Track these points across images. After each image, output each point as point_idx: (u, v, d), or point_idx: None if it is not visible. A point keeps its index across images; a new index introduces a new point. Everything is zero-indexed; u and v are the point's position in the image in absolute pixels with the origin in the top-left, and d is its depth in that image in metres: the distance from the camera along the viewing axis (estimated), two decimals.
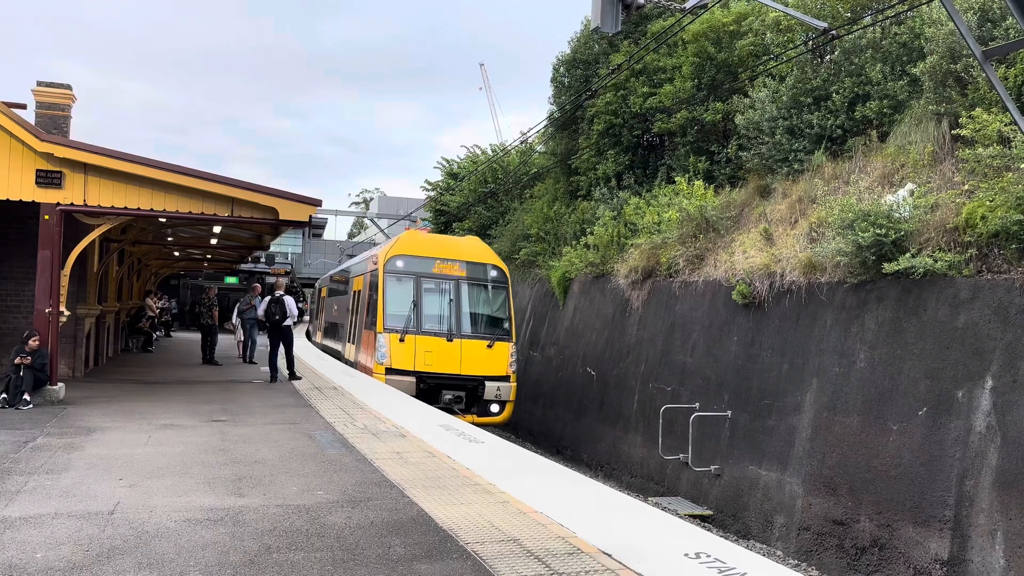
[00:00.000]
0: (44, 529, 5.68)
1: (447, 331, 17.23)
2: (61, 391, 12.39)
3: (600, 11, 11.37)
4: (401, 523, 6.07)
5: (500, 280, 18.53)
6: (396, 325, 17.06)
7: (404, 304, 17.34)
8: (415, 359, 16.75)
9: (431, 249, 18.38)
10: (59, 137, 14.03)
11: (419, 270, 17.72)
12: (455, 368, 16.88)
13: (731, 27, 21.12)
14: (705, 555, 5.34)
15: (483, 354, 17.18)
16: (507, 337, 17.81)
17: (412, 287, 17.57)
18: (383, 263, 17.71)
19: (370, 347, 17.65)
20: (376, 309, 17.41)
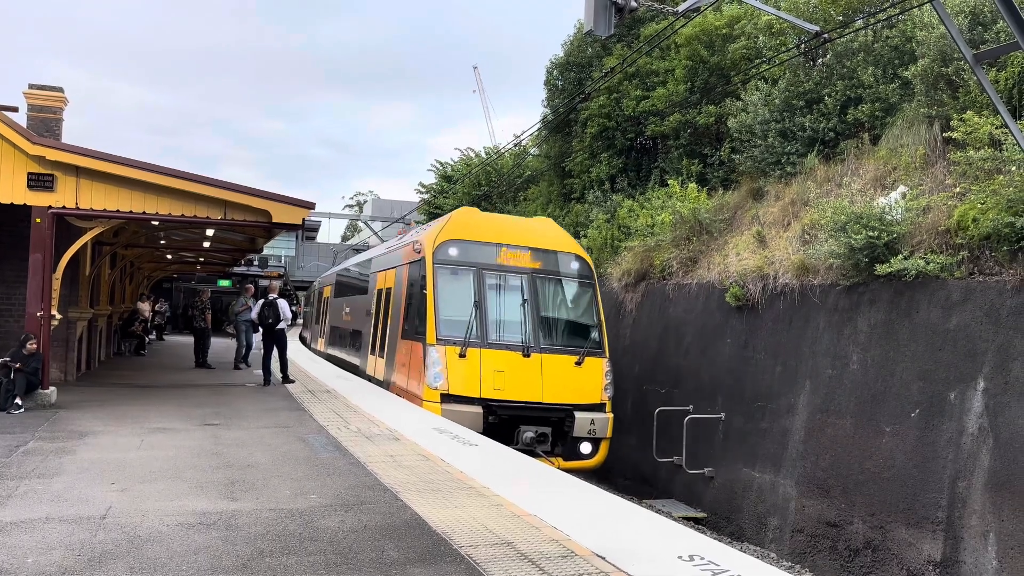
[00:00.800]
0: (35, 533, 5.65)
1: (522, 343, 13.23)
2: (53, 395, 12.33)
3: (593, 14, 11.38)
4: (395, 527, 6.05)
5: (585, 274, 14.53)
6: (454, 335, 13.01)
7: (462, 306, 13.35)
8: (481, 381, 12.70)
9: (494, 232, 14.35)
10: (51, 140, 13.97)
11: (480, 260, 13.85)
12: (535, 394, 12.83)
13: (724, 30, 21.19)
14: (699, 557, 5.35)
15: (571, 374, 13.20)
16: (599, 350, 13.74)
17: (472, 283, 13.62)
18: (431, 250, 13.76)
19: (413, 365, 13.71)
20: (423, 313, 13.48)
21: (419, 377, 13.20)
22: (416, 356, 13.56)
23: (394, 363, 15.15)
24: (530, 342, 13.26)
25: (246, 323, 20.24)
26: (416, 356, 13.56)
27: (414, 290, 14.33)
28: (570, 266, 14.42)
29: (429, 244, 14.03)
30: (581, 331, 14.07)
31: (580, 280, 14.44)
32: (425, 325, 13.20)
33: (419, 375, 13.21)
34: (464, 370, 12.79)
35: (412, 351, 13.89)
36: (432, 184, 41.32)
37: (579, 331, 14.09)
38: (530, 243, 14.35)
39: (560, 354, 13.32)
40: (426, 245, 14.16)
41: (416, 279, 14.30)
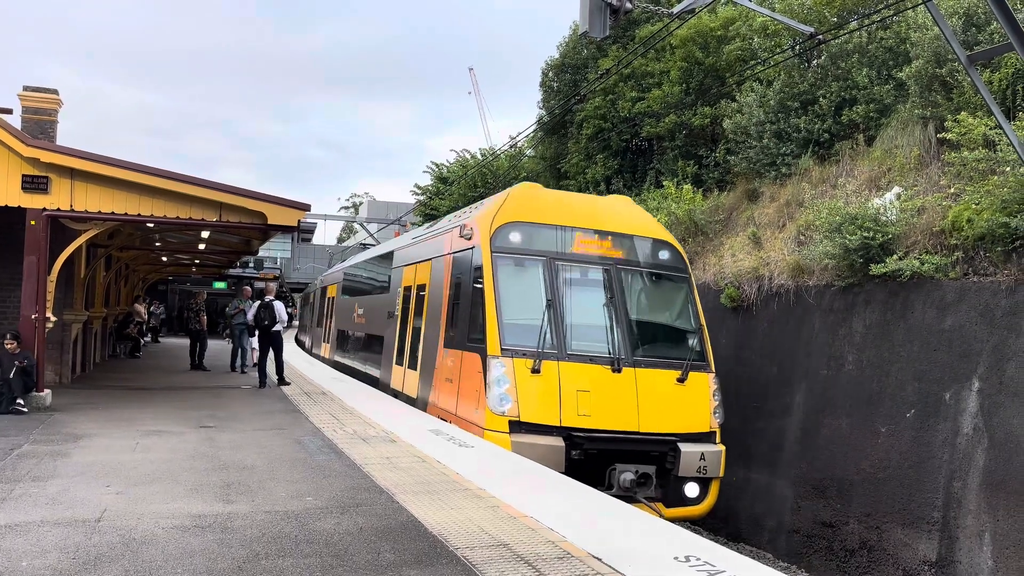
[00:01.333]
0: (30, 537, 5.63)
1: (611, 354, 10.62)
2: (48, 398, 12.29)
3: (588, 16, 11.39)
4: (390, 529, 6.05)
5: (677, 266, 11.90)
6: (522, 343, 10.43)
7: (530, 306, 10.79)
8: (562, 405, 10.07)
9: (564, 213, 11.73)
10: (45, 142, 13.93)
11: (550, 247, 11.25)
12: (629, 420, 10.23)
13: (719, 32, 21.24)
14: (695, 558, 5.35)
15: (672, 394, 10.64)
16: (703, 363, 11.13)
17: (543, 276, 11.03)
18: (487, 235, 11.22)
19: (464, 382, 11.14)
20: (478, 315, 11.00)
21: (475, 398, 10.56)
22: (470, 371, 10.90)
23: (432, 378, 12.50)
24: (620, 353, 10.59)
25: (240, 326, 19.72)
26: (470, 371, 10.90)
27: (462, 286, 11.79)
28: (659, 256, 11.80)
29: (484, 228, 11.34)
30: (679, 338, 11.44)
31: (673, 273, 11.79)
32: (483, 331, 10.62)
33: (475, 396, 10.56)
34: (539, 390, 10.12)
35: (462, 364, 11.22)
36: (428, 186, 41.31)
37: (676, 338, 11.46)
38: (610, 227, 11.68)
39: (658, 368, 10.68)
40: (479, 229, 11.46)
41: (465, 272, 11.72)
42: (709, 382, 10.98)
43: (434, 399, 12.37)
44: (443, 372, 12.11)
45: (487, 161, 35.93)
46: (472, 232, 11.75)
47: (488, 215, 11.72)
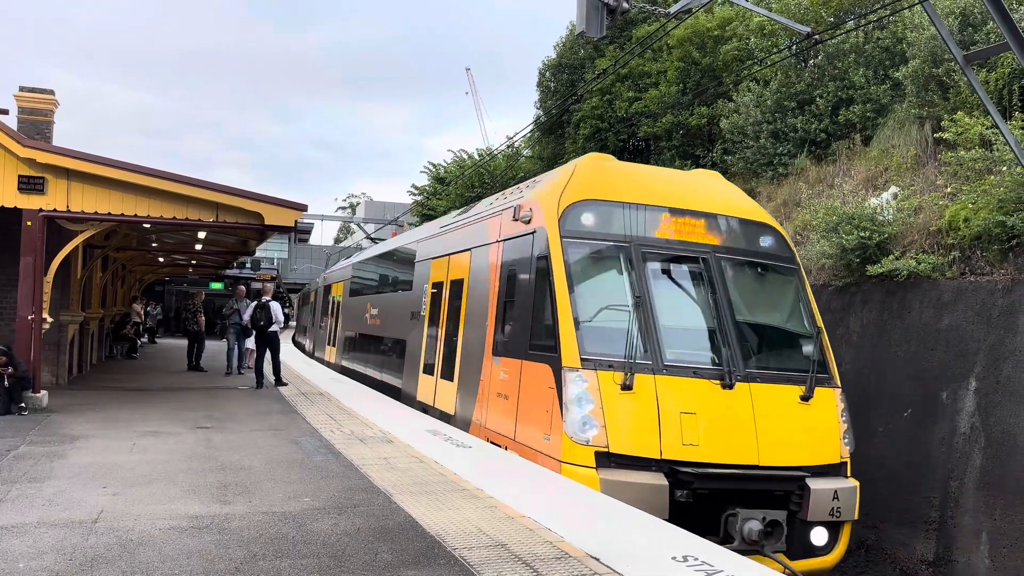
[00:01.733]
0: (26, 538, 5.62)
1: (719, 365, 8.54)
2: (44, 399, 12.27)
3: (585, 16, 11.40)
4: (388, 529, 6.04)
5: (784, 255, 9.78)
6: (607, 352, 8.33)
7: (613, 304, 8.72)
8: (661, 431, 7.99)
9: (647, 190, 9.62)
10: (41, 142, 13.90)
11: (633, 231, 9.13)
12: (747, 452, 8.11)
13: (715, 32, 21.26)
14: (692, 558, 5.35)
15: (795, 416, 8.52)
16: (827, 376, 9.02)
17: (627, 267, 8.95)
18: (555, 217, 9.16)
19: (528, 400, 9.08)
20: (546, 316, 9.01)
21: (544, 422, 8.50)
22: (536, 386, 8.86)
23: (478, 393, 10.50)
24: (731, 364, 8.49)
25: (235, 327, 19.36)
26: (536, 386, 8.86)
27: (518, 280, 9.81)
28: (762, 242, 9.66)
29: (549, 207, 9.28)
30: (794, 344, 9.37)
31: (780, 264, 9.67)
32: (555, 336, 8.54)
33: (544, 419, 8.51)
34: (633, 412, 8.08)
35: (524, 378, 9.20)
36: (425, 186, 41.32)
37: (792, 344, 9.40)
38: (702, 206, 9.60)
39: (777, 382, 8.57)
40: (543, 209, 9.40)
41: (522, 263, 9.75)
42: (836, 399, 8.84)
43: (480, 418, 10.31)
44: (492, 386, 10.02)
45: (484, 161, 35.93)
46: (532, 213, 9.65)
47: (552, 192, 9.55)
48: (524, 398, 9.17)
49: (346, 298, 22.73)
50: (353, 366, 20.03)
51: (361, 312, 19.86)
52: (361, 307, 20.06)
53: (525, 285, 9.62)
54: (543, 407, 8.60)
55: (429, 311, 13.51)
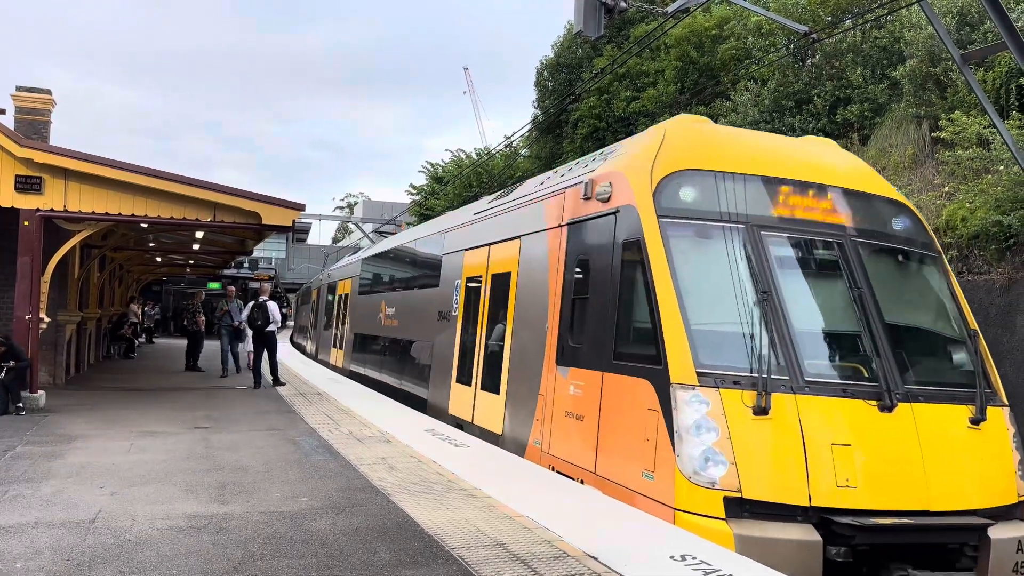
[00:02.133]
0: (24, 538, 5.61)
1: (876, 381, 6.73)
2: (42, 399, 12.25)
3: (582, 15, 11.40)
4: (386, 529, 6.04)
5: (923, 240, 8.00)
6: (730, 364, 6.65)
7: (730, 302, 6.95)
8: (809, 469, 6.27)
9: (755, 158, 7.86)
10: (39, 142, 13.89)
11: (748, 209, 7.37)
12: (915, 493, 6.40)
13: (713, 31, 21.28)
14: (691, 557, 5.35)
15: (964, 444, 6.79)
16: (992, 392, 7.23)
17: (745, 255, 7.17)
18: (647, 191, 7.42)
19: (617, 424, 7.29)
20: (637, 314, 7.41)
21: (644, 453, 6.69)
22: (626, 406, 7.08)
23: (536, 410, 8.75)
24: (888, 379, 6.68)
25: (226, 328, 18.80)
26: (626, 406, 7.08)
27: (596, 272, 7.96)
28: (897, 224, 7.84)
29: (639, 180, 7.48)
30: (950, 352, 7.59)
31: (922, 251, 7.91)
32: (658, 341, 6.72)
33: (644, 449, 6.69)
34: (771, 444, 6.36)
35: (608, 395, 7.36)
36: (423, 185, 41.31)
37: (947, 352, 7.60)
38: (828, 178, 7.77)
39: (941, 402, 6.82)
40: (630, 182, 7.58)
41: (599, 250, 7.91)
42: (1006, 421, 7.08)
43: (540, 441, 8.54)
44: (558, 402, 8.27)
45: (482, 161, 35.93)
46: (612, 189, 7.82)
47: (640, 162, 7.71)
48: (608, 420, 7.34)
49: (355, 297, 21.05)
50: (365, 371, 18.35)
51: (373, 312, 18.22)
52: (373, 306, 18.38)
53: (604, 277, 7.76)
54: (640, 434, 6.76)
55: (463, 310, 11.90)
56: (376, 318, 17.90)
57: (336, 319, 23.63)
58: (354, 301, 21.07)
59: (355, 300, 20.98)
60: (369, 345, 18.57)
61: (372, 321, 18.34)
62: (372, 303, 18.78)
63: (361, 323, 19.75)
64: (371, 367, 17.97)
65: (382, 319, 17.36)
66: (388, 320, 16.91)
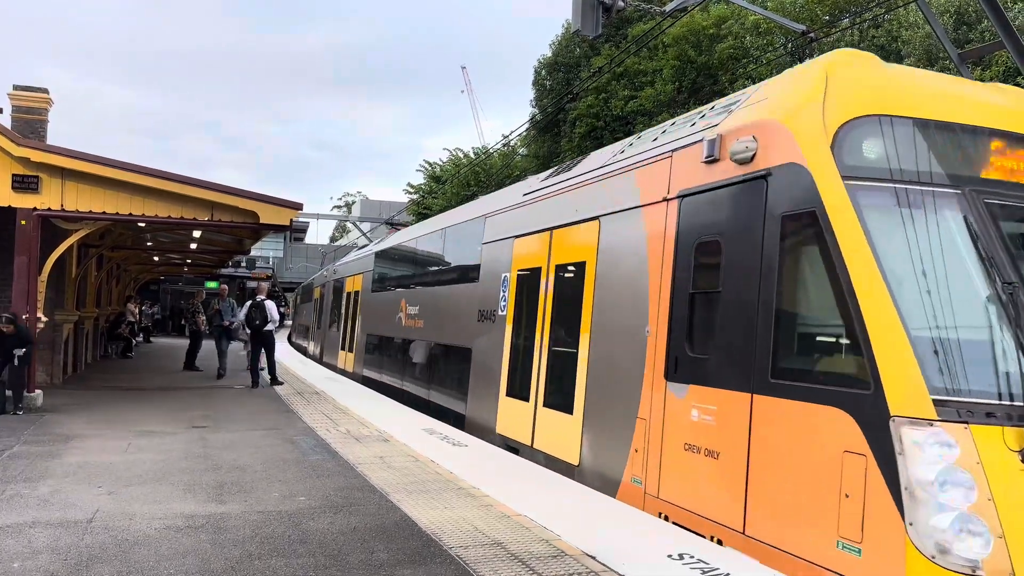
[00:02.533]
0: (21, 538, 5.60)
1: None
2: (39, 398, 12.24)
3: (580, 14, 11.40)
4: (384, 528, 6.04)
5: None
6: (977, 387, 4.71)
7: (964, 298, 5.06)
8: None
9: (946, 103, 5.83)
10: (36, 141, 13.87)
11: (955, 169, 5.52)
12: None
13: (711, 30, 21.28)
14: (688, 556, 5.35)
15: None
16: None
17: (970, 233, 5.27)
18: (822, 143, 5.53)
19: (781, 471, 5.36)
20: (817, 312, 5.62)
21: (846, 518, 4.88)
22: (802, 444, 5.30)
23: (633, 437, 7.10)
24: None
25: (217, 328, 18.43)
26: (802, 444, 5.30)
27: (732, 256, 6.14)
28: None
29: (806, 129, 5.72)
30: None
31: None
32: (864, 353, 4.96)
33: (846, 512, 4.88)
34: None
35: (765, 425, 5.63)
36: (421, 185, 41.31)
37: None
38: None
39: None
40: (792, 132, 5.79)
41: (739, 227, 6.10)
42: None
43: (644, 479, 6.91)
44: (673, 430, 6.57)
45: (480, 160, 35.92)
46: (758, 144, 5.98)
47: (804, 106, 5.84)
48: (766, 462, 5.51)
49: (367, 294, 19.17)
50: (381, 377, 16.64)
51: (391, 311, 16.28)
52: (391, 305, 16.39)
53: (749, 264, 5.92)
54: (831, 486, 4.96)
55: (514, 309, 10.24)
56: (394, 318, 16.06)
57: (344, 319, 21.70)
58: (366, 299, 19.20)
59: (367, 298, 19.04)
60: (386, 348, 16.71)
61: (389, 322, 16.43)
62: (389, 301, 16.81)
63: (375, 324, 17.97)
64: (389, 373, 16.14)
65: (402, 319, 15.50)
66: (410, 320, 14.98)
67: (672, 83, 21.53)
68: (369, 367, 18.03)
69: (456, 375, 12.04)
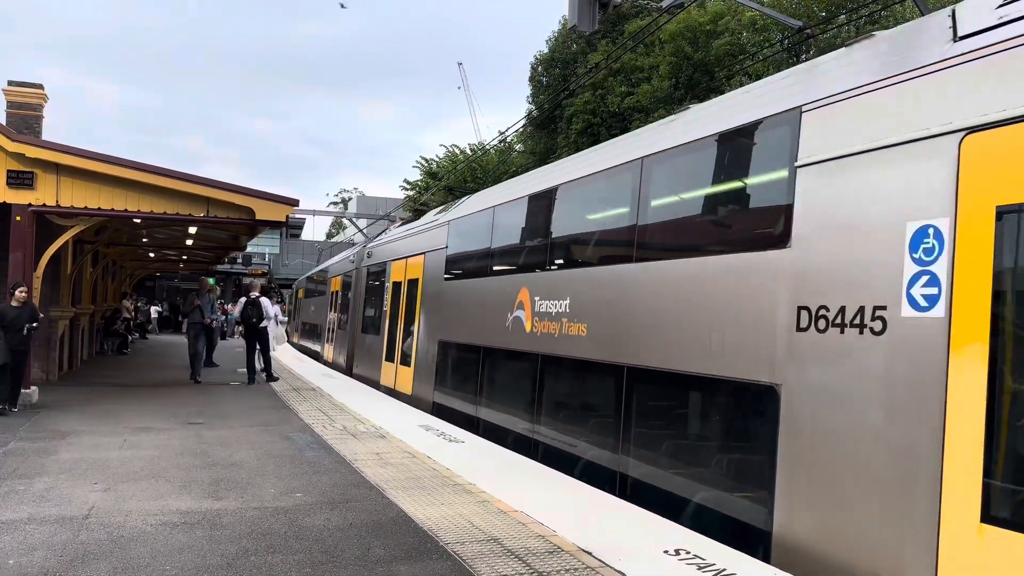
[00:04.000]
0: (17, 534, 5.59)
1: None
2: (35, 395, 12.21)
3: (577, 10, 11.38)
4: (381, 524, 6.03)
5: None
6: None
7: None
8: None
9: None
10: (31, 137, 13.83)
11: None
12: None
13: (707, 27, 21.27)
14: (684, 551, 5.36)
15: None
16: None
17: None
18: None
19: None
20: None
21: None
22: None
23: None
24: None
25: (197, 326, 16.89)
26: None
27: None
28: None
29: None
30: None
31: None
32: None
33: None
34: None
35: None
36: (417, 181, 41.27)
37: None
38: None
39: None
40: None
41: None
42: None
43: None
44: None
45: (476, 156, 35.91)
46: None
47: None
48: None
49: (438, 284, 13.34)
50: (490, 415, 10.79)
51: (497, 308, 10.60)
52: (499, 299, 10.60)
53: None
54: None
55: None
56: (503, 321, 10.34)
57: (393, 318, 15.86)
58: (437, 291, 13.34)
59: (440, 290, 13.21)
60: (492, 368, 11.04)
61: (491, 326, 10.77)
62: (491, 294, 11.01)
63: (460, 327, 12.24)
64: (509, 409, 10.23)
65: (524, 323, 9.83)
66: (542, 325, 9.32)
67: (669, 79, 21.51)
68: (454, 392, 12.25)
69: (601, 413, 7.85)
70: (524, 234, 10.66)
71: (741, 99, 7.17)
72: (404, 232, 17.12)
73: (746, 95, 7.19)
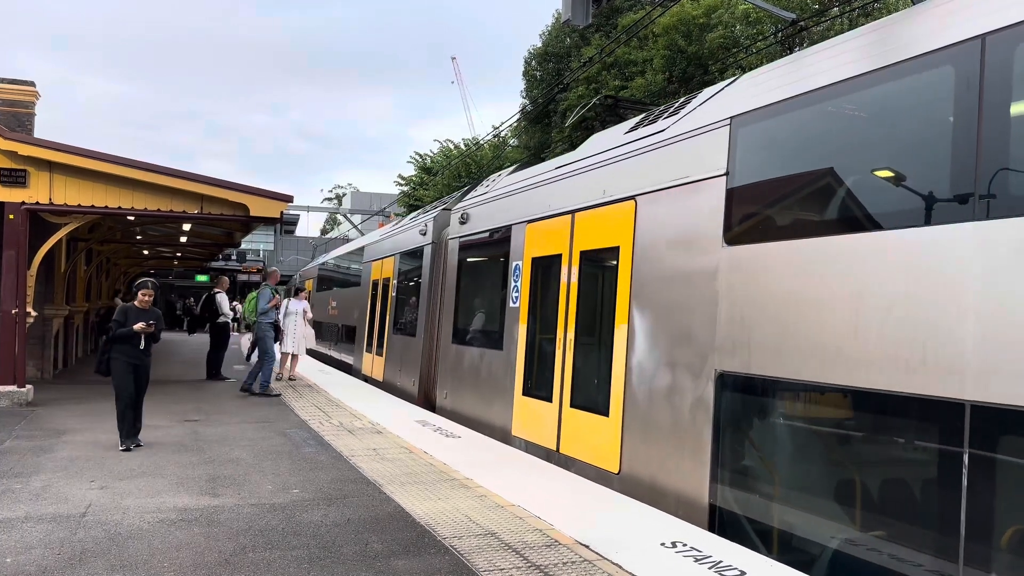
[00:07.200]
0: (14, 533, 5.58)
1: None
2: (29, 393, 12.18)
3: (571, 3, 11.36)
4: (378, 519, 6.04)
5: None
6: None
7: None
8: None
9: None
10: (23, 135, 13.76)
11: None
12: None
13: (701, 20, 21.26)
14: (681, 544, 5.38)
15: None
16: None
17: None
18: None
19: None
20: None
21: None
22: None
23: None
24: None
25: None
26: None
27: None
28: None
29: None
30: None
31: None
32: None
33: None
34: None
35: None
36: (411, 176, 41.20)
37: None
38: None
39: None
40: None
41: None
42: None
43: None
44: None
45: (471, 151, 35.86)
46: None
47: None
48: None
49: (700, 259, 6.44)
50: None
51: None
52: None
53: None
54: None
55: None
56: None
57: (545, 322, 9.24)
58: (705, 271, 6.45)
59: (718, 267, 6.33)
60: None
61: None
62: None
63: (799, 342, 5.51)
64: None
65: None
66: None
67: (663, 73, 21.51)
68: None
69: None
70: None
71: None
72: (553, 169, 9.64)
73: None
